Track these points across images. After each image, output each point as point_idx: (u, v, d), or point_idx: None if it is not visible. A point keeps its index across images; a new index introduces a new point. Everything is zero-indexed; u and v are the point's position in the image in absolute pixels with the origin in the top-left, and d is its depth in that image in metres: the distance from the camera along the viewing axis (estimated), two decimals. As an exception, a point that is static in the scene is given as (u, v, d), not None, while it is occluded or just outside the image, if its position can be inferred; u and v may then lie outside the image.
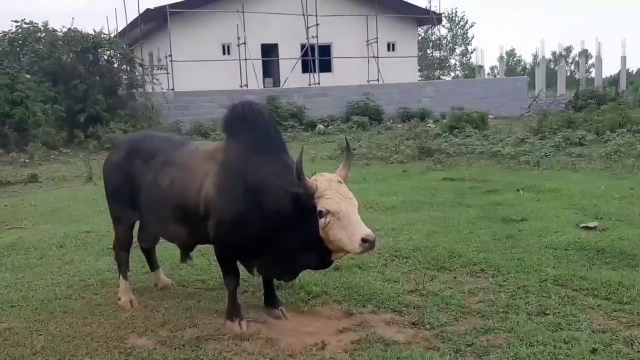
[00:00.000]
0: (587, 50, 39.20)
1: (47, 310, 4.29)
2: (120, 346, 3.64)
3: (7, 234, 6.89)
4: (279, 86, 25.39)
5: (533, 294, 4.21)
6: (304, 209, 3.41)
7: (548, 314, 3.86)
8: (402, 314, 4.02)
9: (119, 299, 4.38)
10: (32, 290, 4.76)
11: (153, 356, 3.47)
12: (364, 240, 3.29)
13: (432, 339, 3.59)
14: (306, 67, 25.95)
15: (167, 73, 22.45)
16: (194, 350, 3.53)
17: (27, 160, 14.35)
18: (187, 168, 3.99)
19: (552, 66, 51.41)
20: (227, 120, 4.00)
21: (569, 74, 51.61)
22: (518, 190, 8.11)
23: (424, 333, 3.70)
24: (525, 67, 64.26)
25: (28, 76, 17.34)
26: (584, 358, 3.19)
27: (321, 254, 3.54)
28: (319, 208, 3.37)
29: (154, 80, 20.21)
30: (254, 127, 3.80)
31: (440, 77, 38.22)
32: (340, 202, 3.37)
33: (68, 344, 3.69)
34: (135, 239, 4.68)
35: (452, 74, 51.14)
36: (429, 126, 18.87)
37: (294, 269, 3.84)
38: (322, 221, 3.37)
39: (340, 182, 3.50)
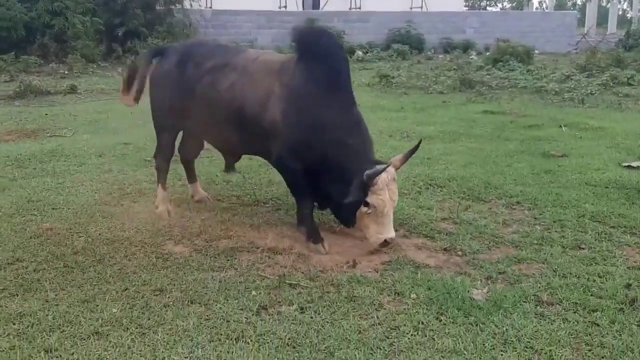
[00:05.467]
0: (643, -13, 37.00)
1: (87, 214, 4.42)
2: (158, 252, 3.75)
3: (47, 141, 7.05)
4: (319, 9, 24.74)
5: (569, 229, 4.16)
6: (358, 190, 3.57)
7: (583, 248, 3.82)
8: (434, 239, 4.03)
9: (156, 208, 4.47)
10: (73, 195, 4.89)
11: (189, 262, 3.57)
12: (385, 241, 3.64)
13: (463, 265, 3.61)
14: (348, -10, 25.15)
15: (206, -10, 22.03)
16: (228, 260, 3.62)
17: (66, 72, 14.46)
18: (248, 75, 3.97)
19: (604, 3, 48.84)
20: (300, 44, 3.93)
21: (621, 12, 49.00)
22: (560, 126, 7.88)
23: (455, 259, 3.71)
24: (576, 2, 61.21)
25: (68, -14, 17.17)
26: (617, 292, 3.16)
27: (347, 219, 3.81)
28: (367, 199, 3.58)
29: (193, -3, 19.83)
30: (326, 63, 3.77)
31: (487, 7, 36.71)
32: (387, 203, 3.60)
33: (107, 247, 3.82)
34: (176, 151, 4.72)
35: (499, 5, 49.02)
36: (472, 58, 18.29)
37: (323, 204, 4.07)
38: (364, 208, 3.61)
39: (394, 181, 3.67)
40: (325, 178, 3.75)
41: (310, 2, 26.20)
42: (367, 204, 3.58)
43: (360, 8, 24.48)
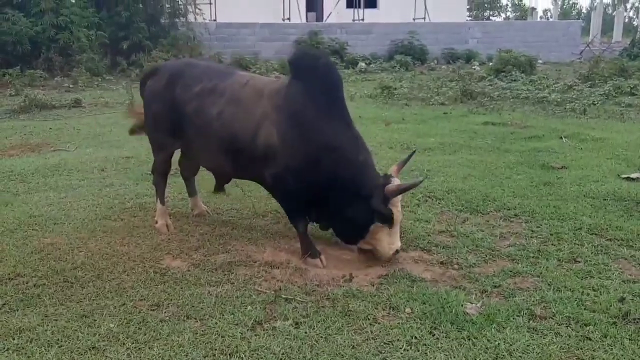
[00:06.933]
0: (649, -5, 37.07)
1: (87, 229, 4.47)
2: (156, 266, 3.79)
3: (51, 155, 7.13)
4: (322, 21, 24.90)
5: (566, 241, 4.17)
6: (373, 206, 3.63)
7: (579, 262, 3.84)
8: (431, 252, 4.05)
9: (156, 222, 4.52)
10: (74, 209, 4.95)
11: (186, 277, 3.61)
12: (396, 251, 3.74)
13: (459, 279, 3.63)
14: (351, 2, 25.31)
15: (210, 3, 22.21)
16: (225, 274, 3.66)
17: (71, 86, 14.61)
18: (238, 102, 3.95)
19: (609, 11, 48.89)
20: (293, 66, 3.97)
21: (627, 20, 49.03)
22: (561, 137, 7.90)
23: (451, 272, 3.73)
24: (581, 11, 61.41)
25: (73, 0, 17.36)
26: (611, 306, 3.17)
27: (357, 236, 3.80)
28: None
29: (197, 10, 20.00)
30: (320, 83, 3.78)
31: (490, 17, 36.80)
32: (400, 214, 3.72)
33: (106, 262, 3.86)
34: (174, 166, 4.77)
35: (503, 15, 49.16)
36: (474, 68, 18.34)
37: (328, 223, 4.06)
38: (379, 223, 3.66)
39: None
40: (336, 197, 3.72)
41: (314, 14, 26.37)
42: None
43: (363, 20, 24.60)
